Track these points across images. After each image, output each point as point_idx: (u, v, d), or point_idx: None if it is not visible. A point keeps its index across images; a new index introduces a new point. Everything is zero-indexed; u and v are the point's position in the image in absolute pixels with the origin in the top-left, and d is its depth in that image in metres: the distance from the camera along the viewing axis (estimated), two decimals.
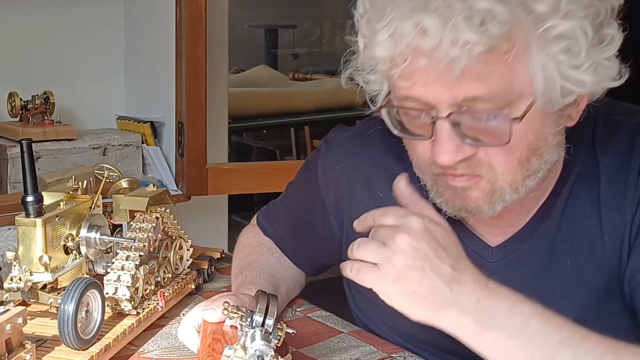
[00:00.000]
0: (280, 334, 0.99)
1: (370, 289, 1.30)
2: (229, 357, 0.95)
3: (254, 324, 0.97)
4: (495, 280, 1.00)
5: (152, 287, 1.29)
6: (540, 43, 0.97)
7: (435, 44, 0.93)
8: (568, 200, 1.13)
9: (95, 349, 1.12)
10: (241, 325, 0.99)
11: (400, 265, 0.95)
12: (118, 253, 1.26)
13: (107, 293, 1.20)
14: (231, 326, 1.05)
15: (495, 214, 1.08)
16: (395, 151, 1.20)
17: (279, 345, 0.98)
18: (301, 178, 1.41)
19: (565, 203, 1.13)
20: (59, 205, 1.23)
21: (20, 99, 2.50)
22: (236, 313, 0.99)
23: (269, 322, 0.97)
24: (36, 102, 2.50)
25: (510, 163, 1.03)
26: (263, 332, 0.96)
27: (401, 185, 1.04)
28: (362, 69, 1.09)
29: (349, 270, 0.99)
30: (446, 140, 1.00)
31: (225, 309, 1.00)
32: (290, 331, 1.00)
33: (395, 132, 1.07)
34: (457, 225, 1.18)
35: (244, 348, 0.96)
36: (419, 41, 0.94)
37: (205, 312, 1.07)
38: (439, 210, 1.07)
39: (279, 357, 0.95)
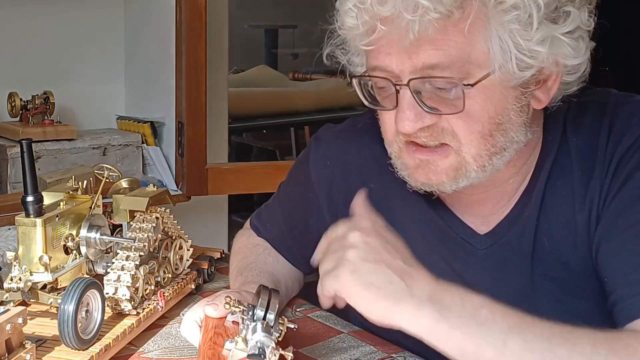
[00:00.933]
0: (281, 328, 0.99)
1: None
2: (230, 350, 0.96)
3: (255, 318, 0.98)
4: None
5: (152, 287, 1.29)
6: (494, 13, 1.01)
7: (393, 11, 1.00)
8: (547, 182, 1.15)
9: (95, 349, 1.12)
10: (243, 319, 0.99)
11: (354, 258, 0.97)
12: (118, 253, 1.26)
13: (107, 293, 1.20)
14: (233, 322, 1.05)
15: (458, 190, 1.11)
16: (384, 142, 1.21)
17: (280, 339, 0.98)
18: (293, 177, 1.42)
19: (545, 185, 1.15)
20: (59, 205, 1.23)
21: (20, 99, 2.49)
22: (238, 307, 1.00)
23: (270, 316, 0.98)
24: (36, 102, 2.50)
25: (473, 135, 1.06)
26: (264, 325, 0.96)
27: (359, 198, 1.07)
28: (347, 48, 1.15)
29: (318, 291, 1.01)
30: (407, 107, 1.05)
31: (227, 302, 1.01)
32: (292, 326, 1.01)
33: (366, 103, 1.13)
34: (447, 212, 1.19)
35: (245, 341, 0.96)
36: (379, 9, 1.01)
37: (208, 307, 1.09)
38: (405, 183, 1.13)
39: (280, 349, 0.95)
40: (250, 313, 0.98)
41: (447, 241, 1.21)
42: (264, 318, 0.98)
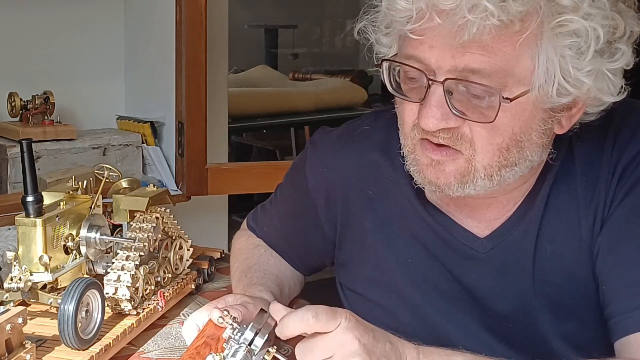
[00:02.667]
0: (267, 358, 0.98)
1: (366, 289, 1.31)
2: None
3: (241, 340, 0.97)
4: None
5: (152, 287, 1.29)
6: (551, 35, 1.00)
7: (454, 6, 0.97)
8: (551, 188, 1.15)
9: (95, 349, 1.12)
10: (230, 337, 0.99)
11: None
12: (118, 253, 1.26)
13: (107, 293, 1.20)
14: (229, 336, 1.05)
15: (463, 196, 1.10)
16: (383, 149, 1.21)
17: None
18: (290, 181, 1.41)
19: (549, 191, 1.15)
20: (59, 205, 1.23)
21: (20, 99, 2.49)
22: (231, 324, 0.99)
23: (258, 341, 0.97)
24: (36, 102, 2.50)
25: (491, 146, 1.05)
26: (246, 351, 0.96)
27: (276, 306, 1.02)
28: (378, 26, 1.12)
29: None
30: (435, 105, 1.03)
31: (221, 316, 1.01)
32: (281, 358, 1.00)
33: (390, 89, 1.10)
34: (445, 219, 1.19)
35: None
36: (439, 0, 0.97)
37: (215, 311, 1.07)
38: (411, 178, 1.12)
39: None
40: (240, 334, 0.98)
41: (447, 247, 1.20)
42: (250, 343, 0.97)
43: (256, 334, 0.98)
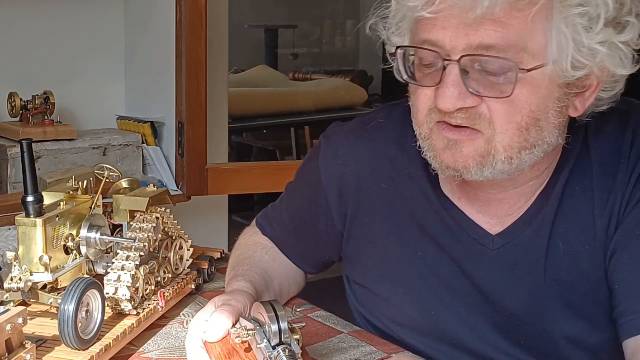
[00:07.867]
0: (296, 336, 0.98)
1: (372, 283, 1.31)
2: None
3: (273, 341, 0.95)
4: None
5: (152, 287, 1.29)
6: (561, 7, 1.01)
7: None
8: (565, 187, 1.15)
9: (95, 349, 1.12)
10: (259, 349, 0.97)
11: None
12: (118, 253, 1.26)
13: (107, 293, 1.20)
14: (242, 341, 1.03)
15: (481, 180, 1.09)
16: (398, 142, 1.21)
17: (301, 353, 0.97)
18: (301, 175, 1.41)
19: (563, 190, 1.15)
20: (59, 205, 1.23)
21: (20, 99, 2.49)
22: (247, 334, 0.99)
23: (284, 325, 0.96)
24: (36, 102, 2.50)
25: (510, 125, 1.05)
26: (287, 353, 0.95)
27: None
28: (389, 24, 1.13)
29: None
30: (451, 84, 1.03)
31: (237, 335, 1.00)
32: (302, 324, 1.00)
33: (405, 76, 1.11)
34: (458, 213, 1.19)
35: None
36: None
37: (206, 335, 1.06)
38: (428, 166, 1.12)
39: None
40: (265, 339, 0.96)
41: (458, 242, 1.20)
42: (280, 333, 0.96)
43: (278, 322, 0.96)
